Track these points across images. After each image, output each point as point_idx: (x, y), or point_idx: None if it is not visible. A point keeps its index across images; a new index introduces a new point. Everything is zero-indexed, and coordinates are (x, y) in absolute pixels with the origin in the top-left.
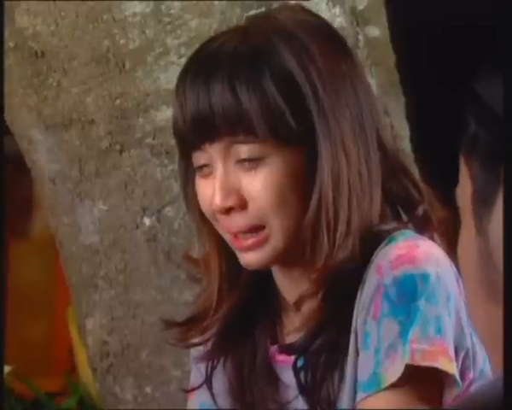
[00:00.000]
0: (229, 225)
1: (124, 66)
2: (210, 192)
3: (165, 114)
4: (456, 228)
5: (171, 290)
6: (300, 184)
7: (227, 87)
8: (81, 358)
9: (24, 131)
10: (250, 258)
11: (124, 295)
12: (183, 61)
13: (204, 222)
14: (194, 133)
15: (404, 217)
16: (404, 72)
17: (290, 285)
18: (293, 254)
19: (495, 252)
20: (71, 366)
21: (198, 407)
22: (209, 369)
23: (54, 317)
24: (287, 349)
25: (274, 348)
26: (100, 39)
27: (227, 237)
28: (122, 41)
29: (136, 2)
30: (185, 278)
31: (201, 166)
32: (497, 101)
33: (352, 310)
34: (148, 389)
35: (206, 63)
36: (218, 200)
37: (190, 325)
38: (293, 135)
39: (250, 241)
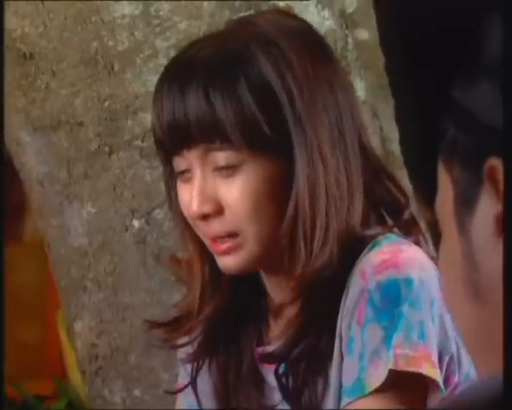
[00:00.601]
0: (206, 231)
1: (112, 68)
2: (189, 198)
3: None
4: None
5: (161, 293)
6: (277, 192)
7: (201, 95)
8: (70, 361)
9: (12, 133)
10: (227, 262)
11: (113, 297)
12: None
13: (186, 226)
14: (170, 140)
15: (390, 221)
16: (393, 74)
17: (274, 290)
18: (273, 260)
19: (478, 253)
20: (63, 369)
21: (185, 408)
22: (194, 370)
23: (46, 320)
24: (267, 358)
25: (260, 350)
26: (88, 41)
27: (206, 242)
28: (111, 43)
29: (125, 3)
30: (174, 281)
31: (182, 172)
32: (475, 104)
33: (334, 316)
34: (136, 392)
35: (181, 70)
36: (194, 206)
37: (174, 326)
38: (269, 143)
39: (226, 245)
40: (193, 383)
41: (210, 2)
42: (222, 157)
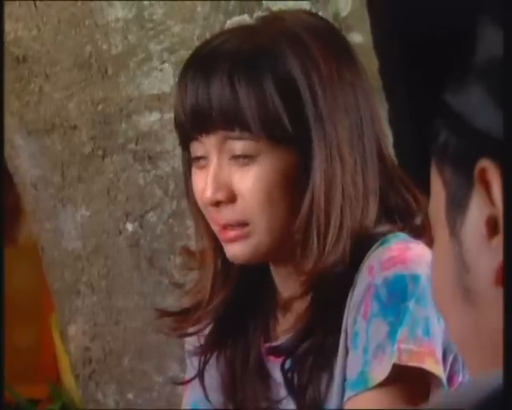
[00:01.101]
0: (217, 217)
1: (106, 71)
2: (203, 184)
3: (148, 120)
4: None
5: (154, 296)
6: (291, 186)
7: (226, 82)
8: (64, 364)
9: (6, 136)
10: (234, 250)
11: (106, 300)
12: (166, 66)
13: (202, 215)
14: (191, 124)
15: (400, 224)
16: (386, 78)
17: (283, 284)
18: (283, 253)
19: (469, 254)
20: (58, 372)
21: (191, 404)
22: (201, 363)
23: (41, 323)
24: (274, 351)
25: (267, 345)
26: (82, 45)
27: (216, 230)
28: (104, 46)
29: (119, 7)
30: (168, 284)
31: (198, 158)
32: (466, 107)
33: (342, 312)
34: (130, 395)
35: (208, 58)
36: (208, 192)
37: (183, 315)
38: (288, 137)
39: (234, 233)
40: (200, 375)
41: (203, 6)
42: (239, 146)
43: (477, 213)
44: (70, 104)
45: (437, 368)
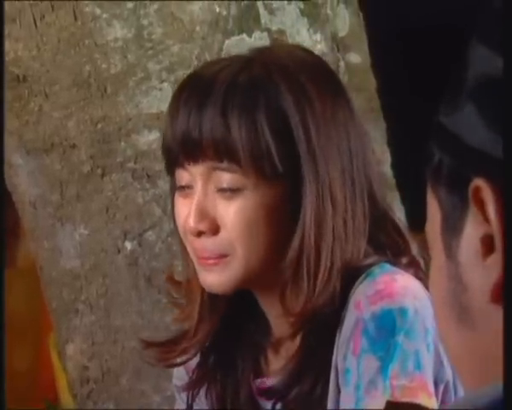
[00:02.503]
0: (197, 247)
1: (105, 90)
2: (186, 211)
3: (147, 139)
4: None
5: (152, 315)
6: (276, 220)
7: (219, 112)
8: (62, 384)
9: (5, 155)
10: (210, 278)
11: (104, 319)
12: (165, 85)
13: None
14: (179, 150)
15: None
16: (384, 97)
17: (274, 324)
18: (269, 287)
19: (465, 274)
20: (55, 394)
21: None
22: (190, 398)
23: (38, 345)
24: (265, 393)
25: (258, 382)
26: (81, 64)
27: (193, 257)
28: (104, 66)
29: (118, 27)
30: (166, 303)
31: (183, 187)
32: (459, 126)
33: (332, 351)
34: None
35: (202, 85)
36: (191, 222)
37: (169, 345)
38: (278, 173)
39: (211, 261)
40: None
41: (202, 26)
42: (226, 178)
43: (472, 232)
44: (69, 123)
45: (430, 402)
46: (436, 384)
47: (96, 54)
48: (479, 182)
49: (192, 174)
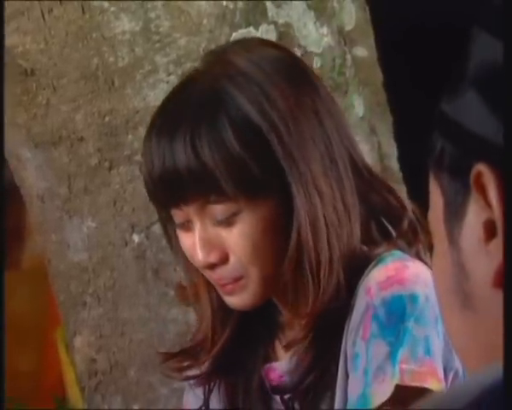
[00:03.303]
0: (213, 277)
1: (113, 83)
2: (192, 244)
3: None
4: None
5: (160, 308)
6: (278, 232)
7: (189, 149)
8: (69, 378)
9: (13, 149)
10: (232, 301)
11: (112, 312)
12: (172, 78)
13: (190, 263)
14: (165, 196)
15: (391, 230)
16: (391, 91)
17: (286, 329)
18: (279, 297)
19: (467, 260)
20: (61, 393)
21: None
22: (206, 392)
23: (43, 347)
24: (277, 390)
25: (266, 367)
26: (89, 57)
27: (215, 285)
28: (111, 59)
29: (126, 20)
30: (173, 296)
31: (182, 223)
32: (460, 113)
33: (341, 340)
34: (135, 407)
35: (167, 123)
36: (200, 257)
37: (185, 356)
38: (264, 186)
39: (230, 287)
40: (206, 404)
41: (209, 19)
42: (220, 210)
43: (474, 217)
44: (77, 116)
45: (439, 387)
46: (445, 372)
47: (103, 47)
48: (480, 167)
49: (186, 212)
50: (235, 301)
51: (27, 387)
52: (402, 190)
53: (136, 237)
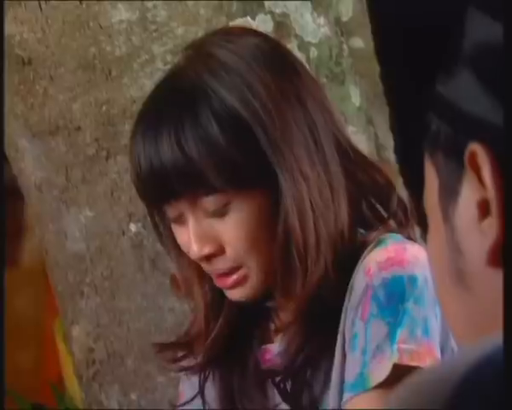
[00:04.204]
0: (210, 269)
1: (110, 73)
2: (187, 238)
3: None
4: None
5: (157, 297)
6: (270, 220)
7: (175, 146)
8: (67, 369)
9: (11, 139)
10: (235, 294)
11: (110, 301)
12: (169, 68)
13: (180, 254)
14: (155, 194)
15: (381, 210)
16: (388, 83)
17: (275, 312)
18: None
19: (461, 239)
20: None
21: None
22: (202, 380)
23: (43, 345)
24: (268, 373)
25: (262, 350)
26: (86, 46)
27: (214, 280)
28: (108, 48)
29: (123, 9)
30: (171, 285)
31: (175, 217)
32: (455, 93)
33: (337, 321)
34: (133, 396)
35: (151, 122)
36: (195, 250)
37: (180, 347)
38: (251, 176)
39: (231, 279)
40: (201, 392)
41: (206, 8)
42: (210, 203)
43: (468, 196)
44: (74, 106)
45: None
46: (442, 353)
47: (100, 36)
48: (474, 147)
49: (178, 207)
50: (237, 294)
51: (27, 383)
52: (398, 182)
53: (133, 227)
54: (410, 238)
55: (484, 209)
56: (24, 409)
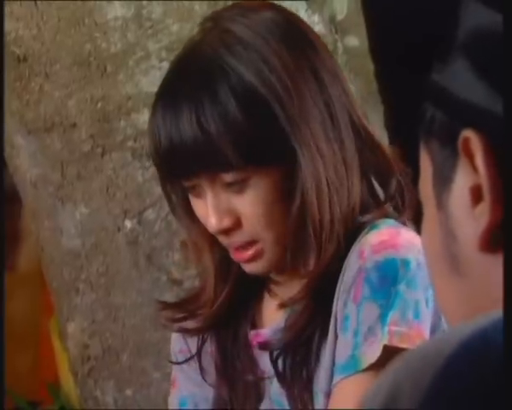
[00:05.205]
0: (227, 242)
1: (105, 69)
2: (204, 212)
3: (147, 118)
4: None
5: (152, 293)
6: (286, 196)
7: (195, 124)
8: (62, 367)
9: (7, 135)
10: (252, 268)
11: (105, 298)
12: (164, 64)
13: (193, 222)
14: (174, 170)
15: (379, 190)
16: (382, 81)
17: (282, 288)
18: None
19: (455, 225)
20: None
21: (178, 403)
22: (200, 342)
23: (39, 349)
24: (266, 347)
25: (252, 334)
26: (82, 43)
27: (231, 254)
28: (104, 45)
29: (118, 6)
30: (166, 281)
31: (193, 186)
32: (450, 80)
33: (331, 300)
34: (128, 392)
35: (171, 99)
36: (213, 223)
37: (182, 308)
38: (270, 153)
39: (248, 253)
40: (198, 354)
41: (201, 5)
42: (229, 177)
43: (462, 182)
44: (70, 102)
45: None
46: (432, 336)
47: (96, 33)
48: (468, 133)
49: (196, 181)
50: (254, 267)
51: (24, 385)
52: None
53: (128, 223)
54: (405, 224)
55: (477, 195)
56: (20, 407)
